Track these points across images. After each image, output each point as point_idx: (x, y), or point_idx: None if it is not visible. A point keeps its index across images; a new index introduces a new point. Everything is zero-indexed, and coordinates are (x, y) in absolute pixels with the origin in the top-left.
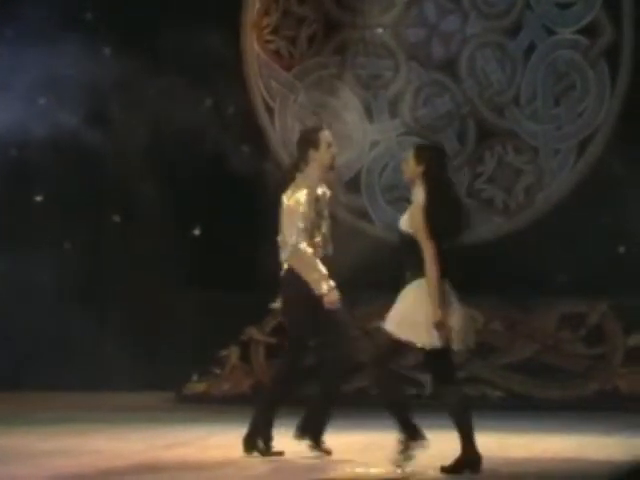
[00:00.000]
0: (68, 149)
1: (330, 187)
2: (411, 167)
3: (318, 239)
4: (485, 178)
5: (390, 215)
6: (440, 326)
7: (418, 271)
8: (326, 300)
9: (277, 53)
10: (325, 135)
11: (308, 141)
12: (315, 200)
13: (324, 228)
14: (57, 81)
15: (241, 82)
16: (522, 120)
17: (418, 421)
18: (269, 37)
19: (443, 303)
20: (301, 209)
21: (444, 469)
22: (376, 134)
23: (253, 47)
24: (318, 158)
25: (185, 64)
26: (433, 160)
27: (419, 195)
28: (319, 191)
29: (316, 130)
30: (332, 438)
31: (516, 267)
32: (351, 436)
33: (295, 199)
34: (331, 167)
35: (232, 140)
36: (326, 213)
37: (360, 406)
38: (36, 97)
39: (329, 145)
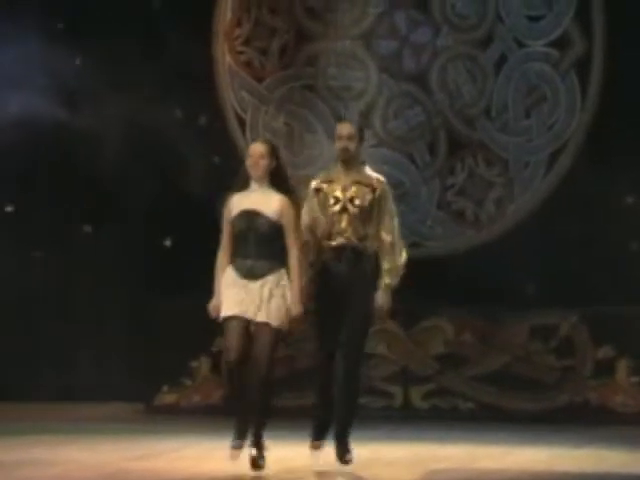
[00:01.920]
0: (36, 156)
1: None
2: (268, 162)
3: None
4: (456, 190)
5: None
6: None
7: (279, 262)
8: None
9: (248, 64)
10: (338, 127)
11: None
12: (315, 192)
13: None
14: (26, 89)
15: (212, 93)
16: (493, 132)
17: (388, 433)
18: (241, 48)
19: None
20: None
21: None
22: None
23: (224, 58)
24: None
25: (155, 75)
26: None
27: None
28: (318, 184)
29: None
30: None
31: (487, 279)
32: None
33: None
34: (339, 158)
35: (203, 151)
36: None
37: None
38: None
39: (340, 137)
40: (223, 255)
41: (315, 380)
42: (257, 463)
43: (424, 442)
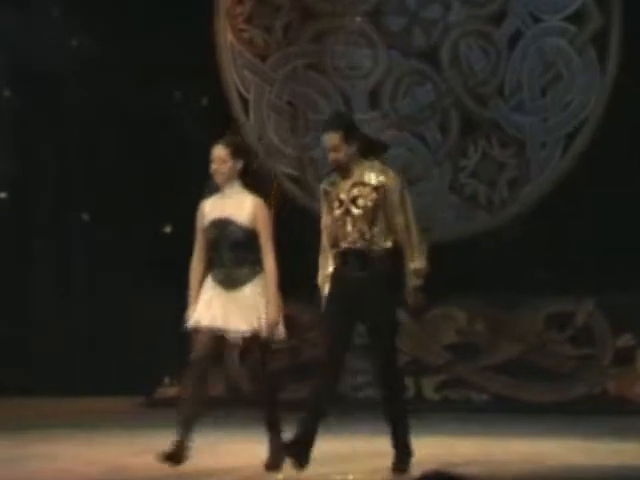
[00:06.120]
0: (34, 144)
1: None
2: (232, 165)
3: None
4: (468, 172)
5: None
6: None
7: (260, 267)
8: None
9: (251, 42)
10: (322, 139)
11: None
12: (324, 195)
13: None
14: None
15: (214, 73)
16: (507, 111)
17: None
18: (243, 26)
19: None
20: None
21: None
22: None
23: (226, 36)
24: None
25: (154, 54)
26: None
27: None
28: (326, 186)
29: None
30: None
31: (500, 265)
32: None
33: None
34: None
35: (204, 133)
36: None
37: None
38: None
39: (326, 150)
40: (197, 263)
41: (311, 389)
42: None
43: (436, 436)
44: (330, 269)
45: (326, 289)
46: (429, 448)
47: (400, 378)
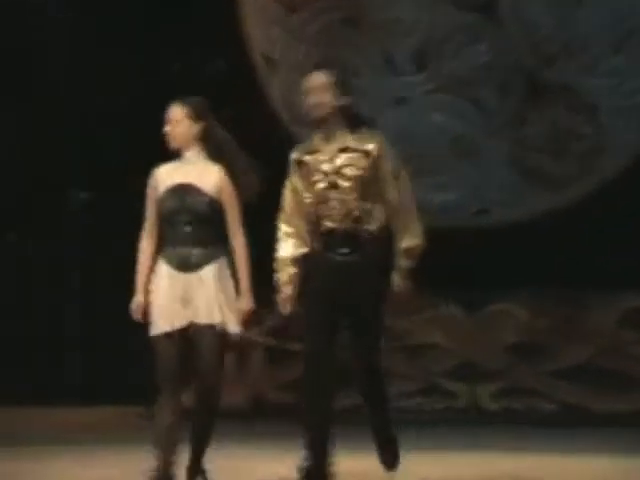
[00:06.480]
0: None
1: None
2: (188, 128)
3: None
4: (530, 143)
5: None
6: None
7: (220, 249)
8: None
9: None
10: (305, 80)
11: None
12: (297, 165)
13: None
14: None
15: (234, 30)
16: (576, 72)
17: (450, 441)
18: None
19: None
20: None
21: None
22: (398, 91)
23: None
24: None
25: (163, 11)
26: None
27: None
28: (300, 155)
29: None
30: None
31: (567, 252)
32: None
33: None
34: (312, 118)
35: (223, 100)
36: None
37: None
38: None
39: (307, 91)
40: (147, 242)
41: (303, 408)
42: None
43: (494, 452)
44: (295, 252)
45: (288, 285)
46: (486, 466)
47: (384, 385)
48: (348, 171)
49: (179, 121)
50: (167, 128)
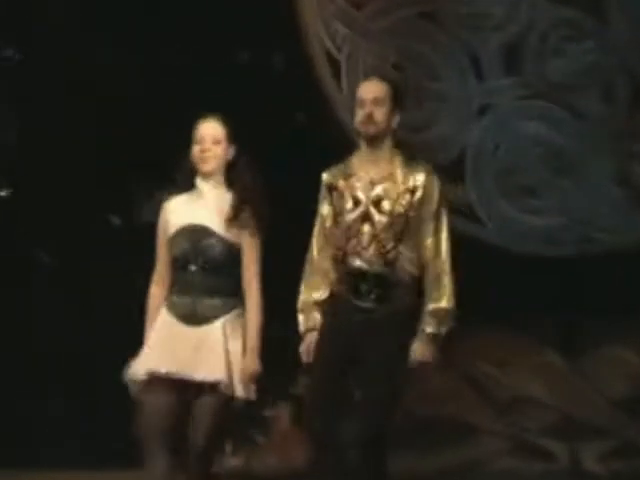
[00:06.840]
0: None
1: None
2: (224, 150)
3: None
4: None
5: (506, 212)
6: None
7: (234, 299)
8: None
9: None
10: (360, 87)
11: None
12: (328, 190)
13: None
14: None
15: (294, 27)
16: None
17: None
18: None
19: None
20: None
21: None
22: (486, 97)
23: None
24: None
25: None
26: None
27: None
28: (332, 178)
29: None
30: None
31: None
32: None
33: None
34: (361, 135)
35: (281, 105)
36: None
37: None
38: None
39: (362, 102)
40: (158, 288)
41: None
42: None
43: None
44: (322, 295)
45: (311, 324)
46: None
47: (381, 468)
48: (386, 204)
49: (219, 141)
50: (204, 147)
